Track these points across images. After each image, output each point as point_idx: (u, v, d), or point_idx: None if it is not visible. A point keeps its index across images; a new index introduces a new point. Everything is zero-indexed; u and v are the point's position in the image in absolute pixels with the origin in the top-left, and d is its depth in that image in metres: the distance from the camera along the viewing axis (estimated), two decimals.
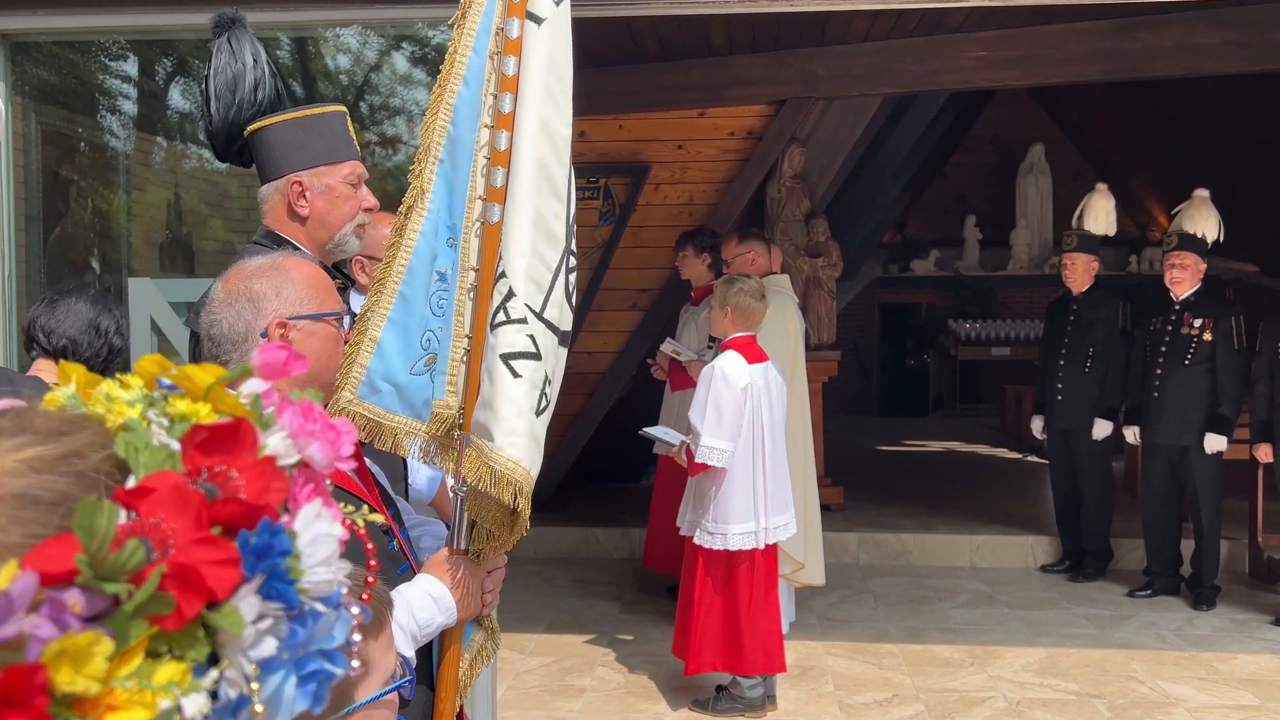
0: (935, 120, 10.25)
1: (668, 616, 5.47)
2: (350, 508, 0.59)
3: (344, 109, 2.23)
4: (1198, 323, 5.63)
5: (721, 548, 4.23)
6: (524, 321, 1.51)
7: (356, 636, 0.51)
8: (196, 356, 1.74)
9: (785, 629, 5.06)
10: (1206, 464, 5.61)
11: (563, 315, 1.56)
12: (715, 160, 6.88)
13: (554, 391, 1.57)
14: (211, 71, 2.21)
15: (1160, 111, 10.14)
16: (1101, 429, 6.04)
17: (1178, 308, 5.70)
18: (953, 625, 5.47)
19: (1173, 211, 5.98)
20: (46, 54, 4.34)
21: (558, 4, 1.54)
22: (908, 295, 13.51)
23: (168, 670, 0.43)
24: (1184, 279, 5.67)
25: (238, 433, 0.49)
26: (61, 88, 4.78)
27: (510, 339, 1.50)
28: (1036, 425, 6.41)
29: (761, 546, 4.25)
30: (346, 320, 1.57)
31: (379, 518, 0.87)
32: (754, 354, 4.26)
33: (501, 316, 1.51)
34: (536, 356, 1.51)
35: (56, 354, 2.64)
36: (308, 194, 2.16)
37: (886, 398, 13.25)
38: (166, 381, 0.54)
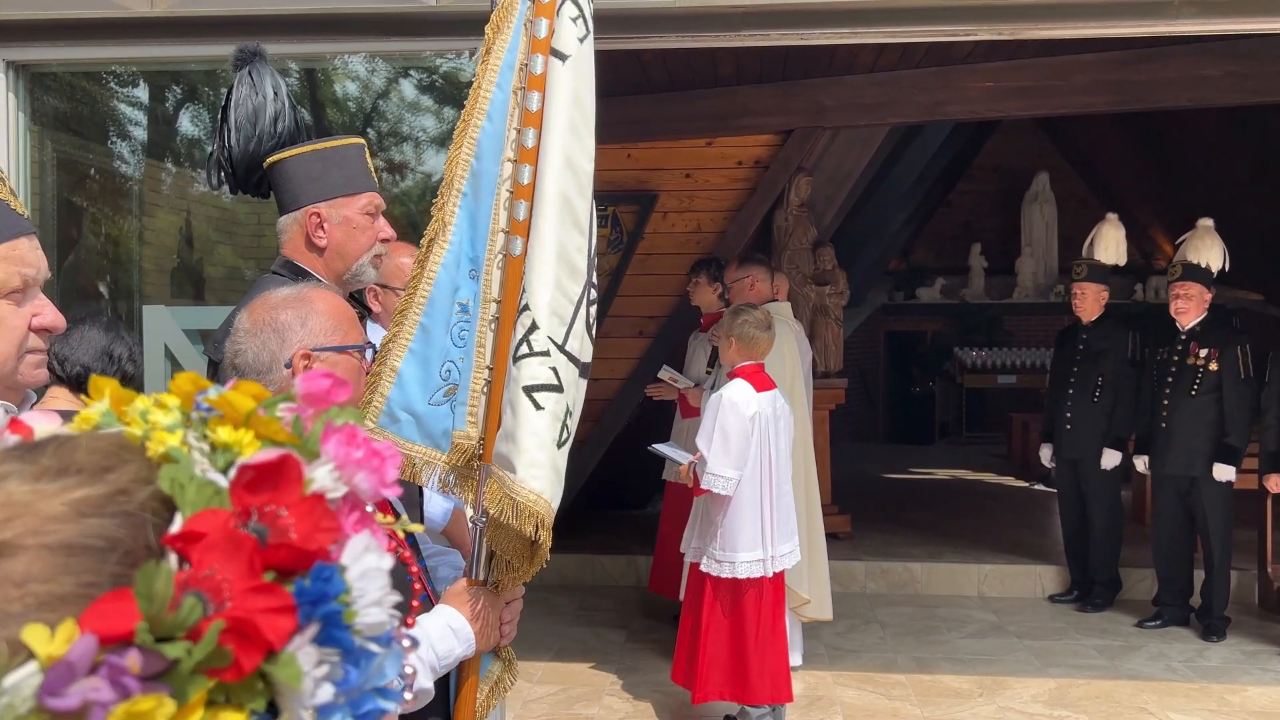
0: (941, 149, 10.31)
1: (674, 645, 5.45)
2: (389, 518, 0.58)
3: (363, 141, 2.26)
4: (1204, 353, 5.63)
5: (729, 575, 4.22)
6: (546, 354, 1.52)
7: (409, 669, 0.51)
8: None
9: (798, 662, 5.04)
10: (1215, 494, 5.59)
11: (583, 347, 1.58)
12: (723, 189, 6.92)
13: (574, 423, 1.58)
14: (232, 103, 2.24)
15: (1165, 141, 10.19)
16: (1110, 459, 6.03)
17: (1183, 338, 5.70)
18: (961, 655, 5.45)
19: (1177, 241, 6.00)
20: (61, 82, 4.39)
21: (582, 40, 1.56)
22: (913, 323, 13.53)
23: None
24: (1189, 309, 5.67)
25: (284, 468, 0.48)
26: (74, 115, 4.82)
27: (533, 371, 1.52)
28: (1045, 454, 6.40)
29: (769, 575, 4.25)
30: (369, 352, 1.58)
31: (419, 527, 0.87)
32: (762, 382, 4.27)
33: (524, 349, 1.52)
34: (558, 388, 1.52)
35: (70, 382, 2.66)
36: (326, 225, 2.18)
37: (892, 425, 13.23)
38: (205, 404, 0.52)
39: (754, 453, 4.21)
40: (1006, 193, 13.73)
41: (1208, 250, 5.69)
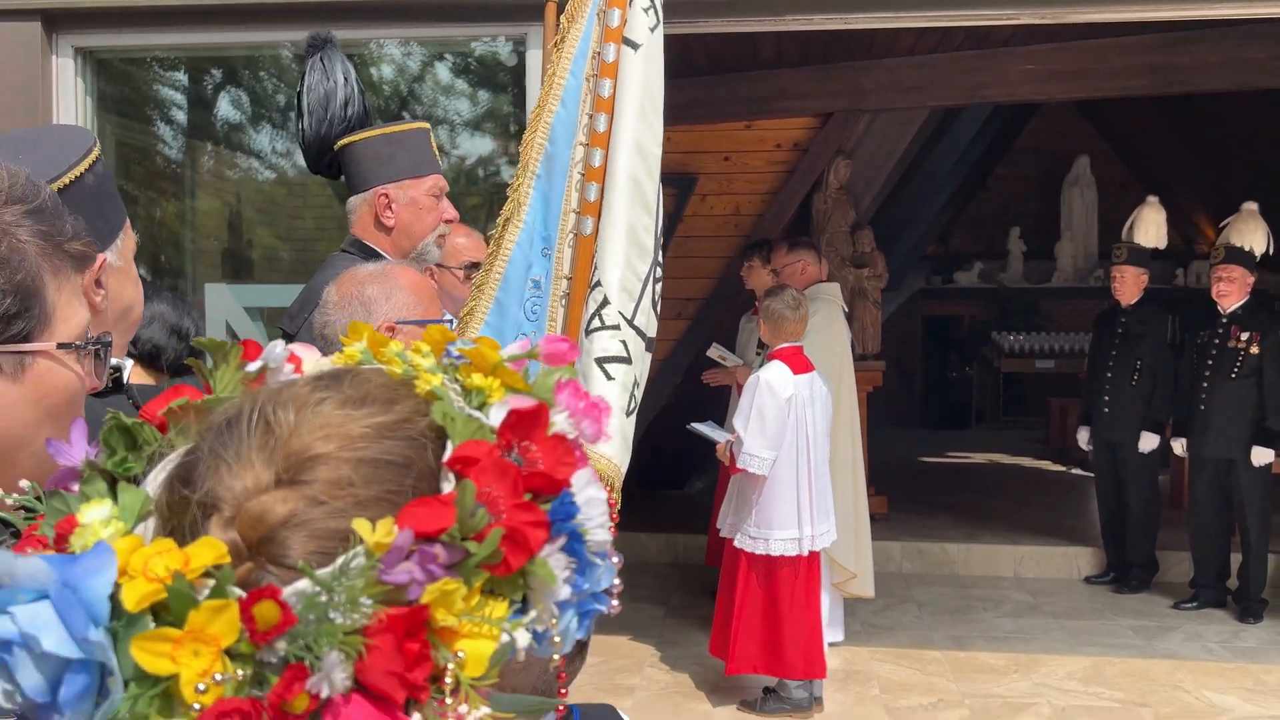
0: (980, 132, 10.27)
1: (712, 621, 5.55)
2: None
3: (428, 126, 2.35)
4: (1245, 336, 5.64)
5: (764, 552, 4.31)
6: (617, 328, 1.62)
7: (617, 581, 0.62)
8: None
9: (840, 638, 5.13)
10: (1254, 477, 5.61)
11: (650, 322, 1.67)
12: (761, 172, 6.96)
13: (640, 393, 1.68)
14: (305, 89, 2.34)
15: (1208, 124, 10.10)
16: (1148, 442, 6.05)
17: (1225, 321, 5.71)
18: (997, 634, 5.51)
19: (1220, 224, 5.99)
20: (117, 67, 4.52)
21: (652, 30, 1.65)
22: (951, 307, 13.50)
23: (499, 608, 0.55)
24: (1231, 292, 5.68)
25: (539, 414, 0.60)
26: (129, 99, 4.96)
27: (604, 344, 1.61)
28: (1082, 437, 6.42)
29: (805, 553, 4.33)
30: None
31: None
32: (799, 364, 4.34)
33: (596, 322, 1.62)
34: (627, 360, 1.62)
35: (142, 358, 2.75)
36: (393, 206, 2.28)
37: (929, 409, 13.23)
38: (456, 353, 0.64)
39: (790, 434, 4.29)
40: (1046, 176, 13.64)
41: (1251, 234, 5.69)
